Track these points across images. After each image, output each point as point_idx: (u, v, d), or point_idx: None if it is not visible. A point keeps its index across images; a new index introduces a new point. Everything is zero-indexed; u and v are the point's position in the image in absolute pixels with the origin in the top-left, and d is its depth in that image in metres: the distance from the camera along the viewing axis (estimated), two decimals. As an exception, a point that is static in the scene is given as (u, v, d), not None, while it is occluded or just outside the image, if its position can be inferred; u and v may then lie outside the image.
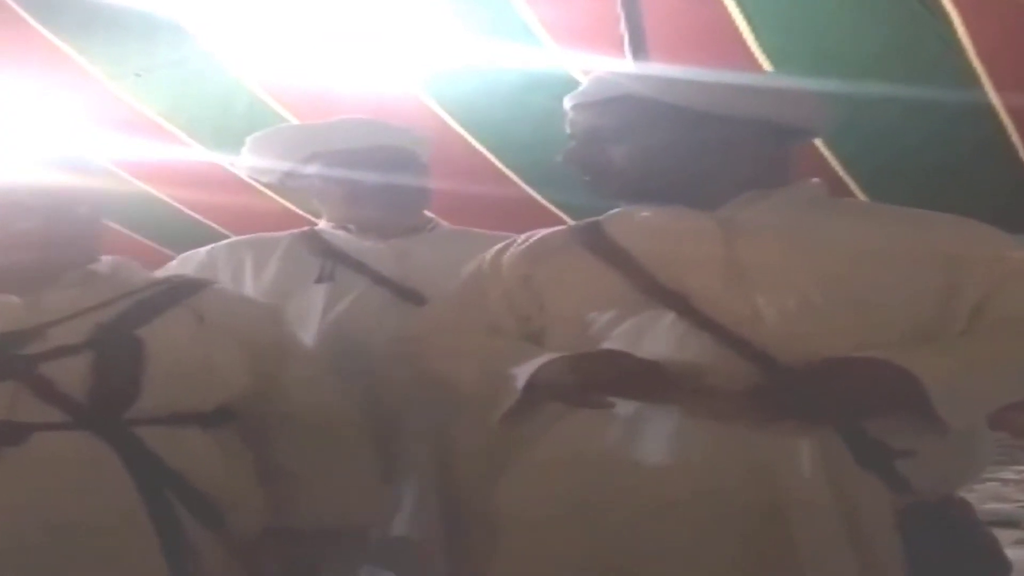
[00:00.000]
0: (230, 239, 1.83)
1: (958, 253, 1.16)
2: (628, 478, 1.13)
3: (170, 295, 1.35)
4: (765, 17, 2.19)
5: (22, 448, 1.18)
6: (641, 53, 1.81)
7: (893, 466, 1.08)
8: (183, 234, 3.14)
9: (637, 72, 1.51)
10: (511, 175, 3.02)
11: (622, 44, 1.82)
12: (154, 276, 1.41)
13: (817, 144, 2.58)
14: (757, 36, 2.23)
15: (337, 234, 1.72)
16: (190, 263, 1.71)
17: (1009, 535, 2.11)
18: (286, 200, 3.10)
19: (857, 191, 2.84)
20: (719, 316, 1.13)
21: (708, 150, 1.21)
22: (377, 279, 1.63)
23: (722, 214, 1.21)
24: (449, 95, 2.64)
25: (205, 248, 1.74)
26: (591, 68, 1.56)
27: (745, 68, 2.11)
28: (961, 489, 1.22)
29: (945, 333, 1.15)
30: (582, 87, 1.29)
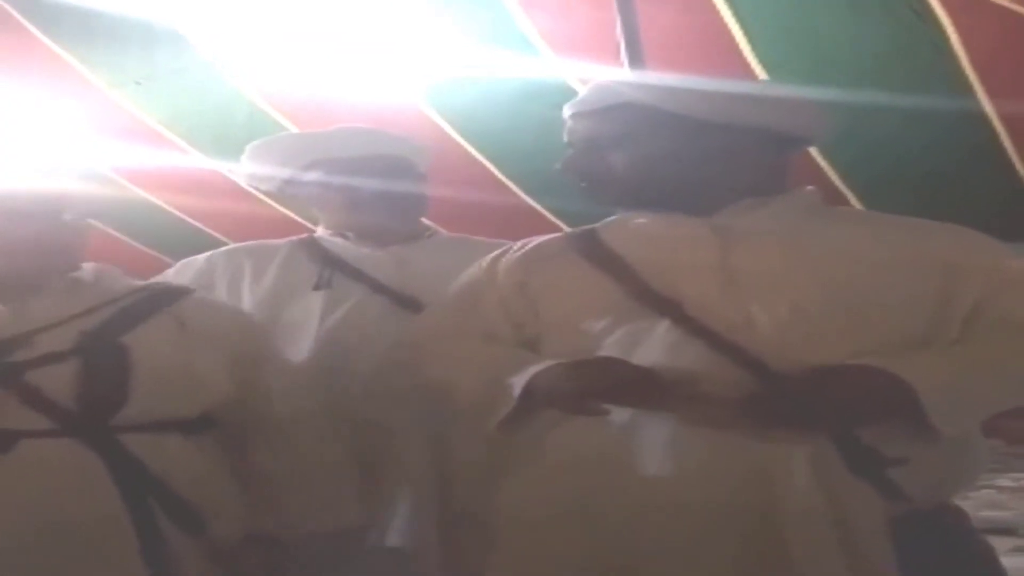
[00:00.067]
0: (228, 246, 1.83)
1: (953, 261, 1.16)
2: (624, 484, 1.13)
3: (152, 302, 1.36)
4: (761, 27, 2.20)
5: (9, 455, 1.19)
6: (638, 62, 1.82)
7: (886, 473, 1.08)
8: (182, 241, 3.15)
9: (637, 80, 1.52)
10: (510, 184, 3.03)
11: (619, 53, 1.83)
12: (135, 283, 1.42)
13: (813, 153, 2.59)
14: (753, 46, 2.24)
15: (335, 241, 1.73)
16: (189, 270, 1.72)
17: (1005, 543, 2.10)
18: (285, 208, 3.11)
19: (853, 199, 2.86)
20: (713, 323, 1.13)
21: (707, 158, 1.21)
22: (375, 286, 1.63)
23: (718, 221, 1.22)
24: (448, 104, 2.65)
25: (204, 255, 1.74)
26: (589, 77, 1.57)
27: (741, 77, 2.13)
28: (956, 497, 1.22)
29: (939, 341, 1.15)
30: (581, 95, 1.30)
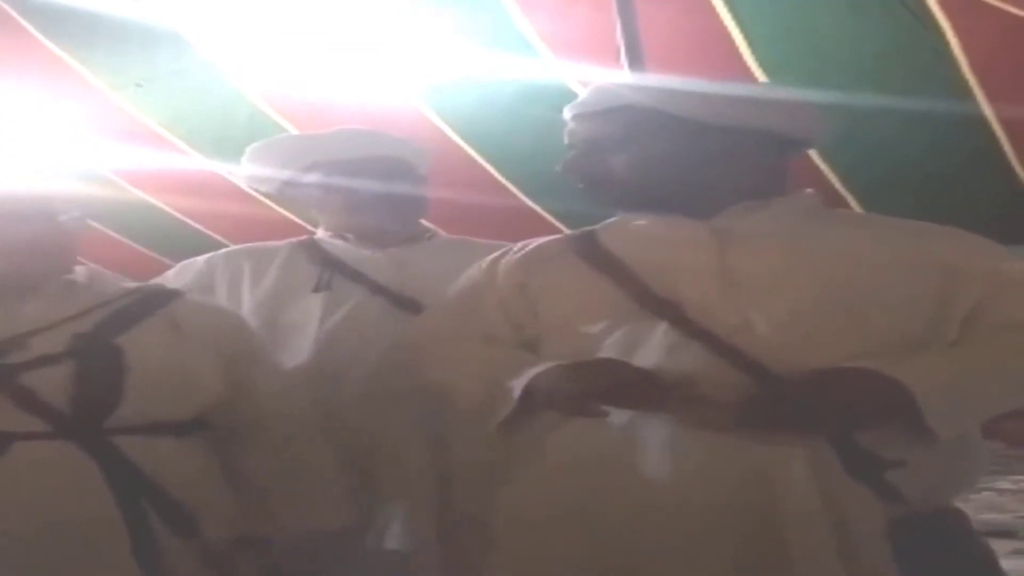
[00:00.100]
0: (228, 248, 1.84)
1: (952, 264, 1.16)
2: (624, 485, 1.13)
3: (145, 304, 1.36)
4: (760, 29, 2.20)
5: (3, 458, 1.19)
6: (638, 64, 1.82)
7: (884, 476, 1.08)
8: (182, 243, 3.15)
9: (638, 83, 1.52)
10: (510, 186, 3.03)
11: (619, 56, 1.84)
12: (127, 285, 1.42)
13: (813, 155, 2.59)
14: (752, 47, 2.24)
15: (335, 243, 1.73)
16: (188, 272, 1.72)
17: (1005, 545, 2.11)
18: (285, 209, 3.11)
19: (853, 202, 2.86)
20: (712, 326, 1.13)
21: (707, 160, 1.22)
22: (375, 288, 1.64)
23: (717, 223, 1.22)
24: (448, 106, 2.65)
25: (203, 257, 1.74)
26: (588, 79, 1.57)
27: (741, 79, 2.13)
28: (956, 499, 1.22)
29: (938, 343, 1.15)
30: (582, 97, 1.30)
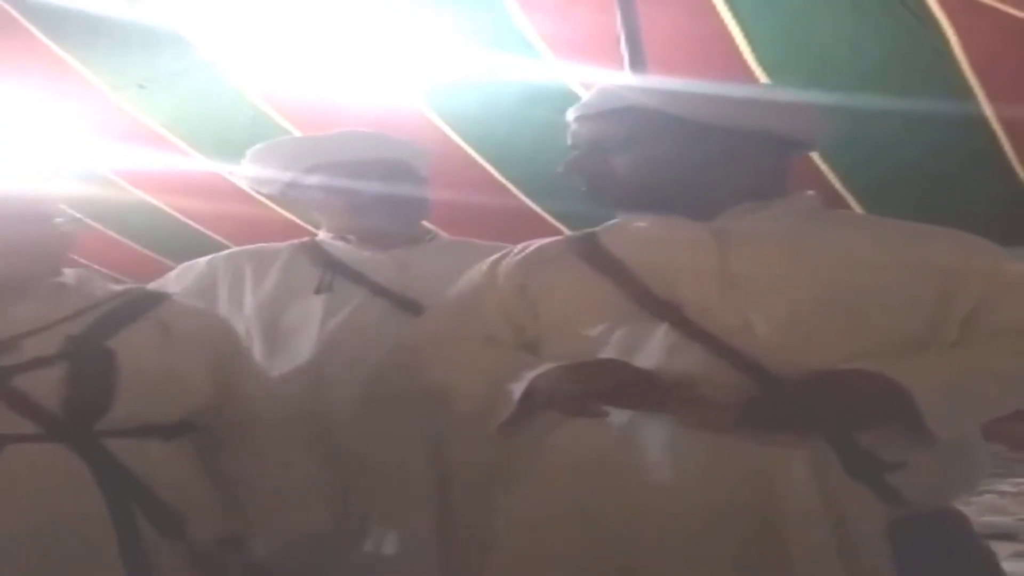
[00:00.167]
0: (230, 249, 1.84)
1: (951, 265, 1.16)
2: (624, 486, 1.13)
3: (134, 307, 1.36)
4: (762, 30, 2.21)
5: None
6: (640, 66, 1.82)
7: (884, 477, 1.08)
8: (184, 244, 3.16)
9: (641, 84, 1.52)
10: (511, 187, 3.04)
11: (620, 57, 1.84)
12: (115, 288, 1.43)
13: (814, 157, 2.60)
14: (753, 48, 2.25)
15: (337, 245, 1.73)
16: (190, 273, 1.72)
17: (1006, 548, 2.10)
18: (286, 211, 3.12)
19: (853, 203, 2.86)
20: (712, 327, 1.13)
21: (710, 161, 1.22)
22: (376, 290, 1.64)
23: (717, 225, 1.22)
24: (450, 108, 2.66)
25: (205, 258, 1.74)
26: (590, 81, 1.57)
27: (742, 80, 2.13)
28: (957, 501, 1.22)
29: (937, 344, 1.15)
30: (586, 98, 1.30)
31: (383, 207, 1.70)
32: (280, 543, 1.35)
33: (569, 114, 1.30)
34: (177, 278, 1.72)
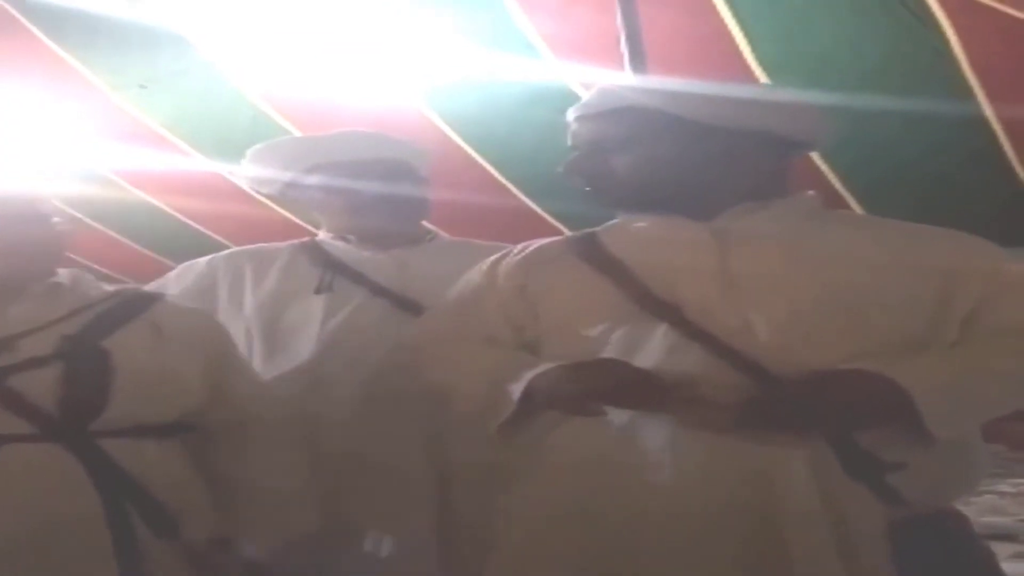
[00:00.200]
0: (230, 249, 1.84)
1: (951, 266, 1.16)
2: (623, 486, 1.13)
3: (128, 308, 1.37)
4: (762, 30, 2.21)
5: None
6: (640, 66, 1.82)
7: (884, 478, 1.08)
8: (184, 244, 3.16)
9: (641, 84, 1.52)
10: (511, 187, 3.04)
11: (621, 57, 1.84)
12: (107, 288, 1.43)
13: (814, 157, 2.59)
14: (753, 48, 2.25)
15: (337, 245, 1.73)
16: (190, 273, 1.72)
17: (1006, 549, 2.10)
18: (287, 211, 3.12)
19: (853, 203, 2.86)
20: (712, 327, 1.13)
21: (710, 161, 1.22)
22: (376, 290, 1.64)
23: (718, 225, 1.22)
24: (450, 108, 2.66)
25: (205, 258, 1.75)
26: (591, 81, 1.57)
27: (742, 80, 2.13)
28: (957, 502, 1.23)
29: (937, 345, 1.15)
30: (586, 98, 1.30)
31: (383, 207, 1.70)
32: (271, 544, 1.35)
33: (569, 114, 1.30)
34: (177, 278, 1.72)
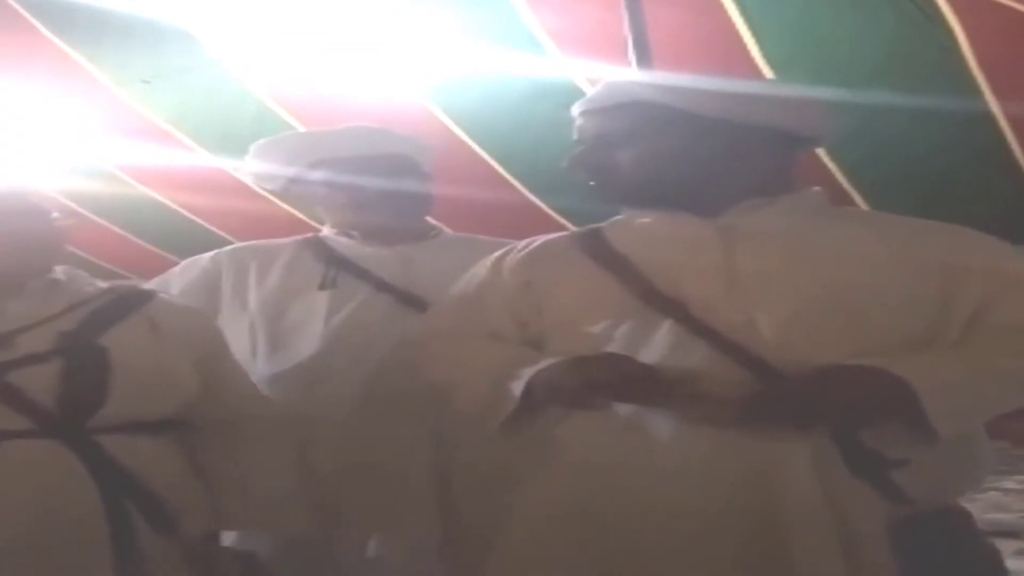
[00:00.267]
0: (234, 245, 1.84)
1: (956, 262, 1.16)
2: (625, 484, 1.13)
3: (123, 304, 1.37)
4: (768, 26, 2.20)
5: None
6: (645, 62, 1.82)
7: (887, 475, 1.08)
8: (188, 240, 3.16)
9: (647, 79, 1.51)
10: (516, 183, 3.03)
11: (627, 53, 1.83)
12: (102, 285, 1.43)
13: (820, 153, 2.59)
14: (760, 45, 2.24)
15: (341, 241, 1.73)
16: (194, 269, 1.72)
17: (1010, 546, 2.10)
18: (291, 207, 3.12)
19: (859, 200, 2.85)
20: (716, 323, 1.13)
21: (716, 157, 1.21)
22: (380, 286, 1.64)
23: (723, 221, 1.21)
24: (455, 104, 2.65)
25: (209, 254, 1.74)
26: (596, 77, 1.57)
27: (748, 76, 2.13)
28: (961, 499, 1.22)
29: (940, 341, 1.15)
30: (592, 93, 1.30)
31: (386, 203, 1.70)
32: (263, 540, 1.36)
33: (574, 109, 1.30)
34: (181, 274, 1.72)
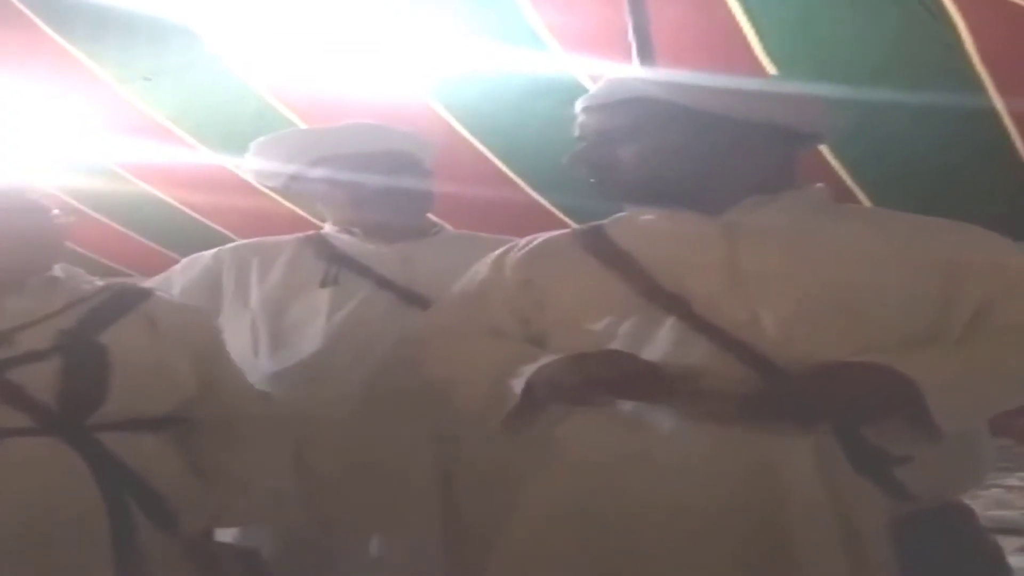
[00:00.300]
0: (235, 242, 1.84)
1: (959, 259, 1.16)
2: (627, 480, 1.13)
3: (122, 302, 1.37)
4: (771, 23, 2.19)
5: None
6: (648, 58, 1.81)
7: (890, 472, 1.08)
8: (189, 237, 3.16)
9: (650, 75, 1.51)
10: (517, 180, 3.03)
11: (629, 49, 1.83)
12: (99, 283, 1.44)
13: (823, 150, 2.58)
14: (763, 42, 2.23)
15: (342, 238, 1.73)
16: (195, 266, 1.72)
17: (1013, 542, 2.09)
18: (292, 204, 3.11)
19: (862, 196, 2.84)
20: (719, 320, 1.13)
21: (718, 153, 1.21)
22: (382, 283, 1.64)
23: (726, 218, 1.21)
24: (456, 100, 2.65)
25: (210, 251, 1.74)
26: (598, 73, 1.56)
27: (750, 72, 2.12)
28: (964, 495, 1.22)
29: (943, 338, 1.15)
30: (594, 89, 1.29)
31: (387, 200, 1.70)
32: (260, 541, 1.36)
33: (577, 105, 1.30)
34: (182, 271, 1.72)
